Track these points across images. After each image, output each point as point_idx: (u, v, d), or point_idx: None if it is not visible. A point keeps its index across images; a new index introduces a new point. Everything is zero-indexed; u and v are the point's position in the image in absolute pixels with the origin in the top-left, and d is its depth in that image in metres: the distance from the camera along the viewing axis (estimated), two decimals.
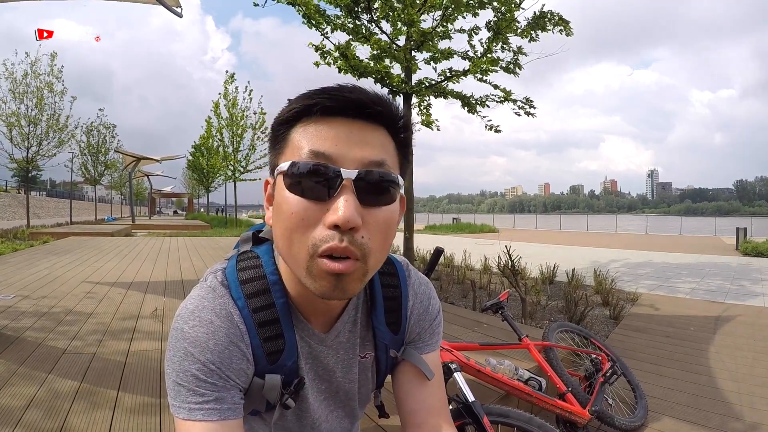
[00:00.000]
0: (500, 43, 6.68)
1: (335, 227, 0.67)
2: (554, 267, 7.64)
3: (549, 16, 6.54)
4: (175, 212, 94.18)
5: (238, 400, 0.78)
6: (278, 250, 0.76)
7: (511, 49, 6.81)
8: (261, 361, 0.81)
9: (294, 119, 0.74)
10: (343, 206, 0.67)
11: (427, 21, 6.64)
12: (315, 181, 0.69)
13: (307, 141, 0.71)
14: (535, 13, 6.56)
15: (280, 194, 0.72)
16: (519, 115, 7.24)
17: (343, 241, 0.67)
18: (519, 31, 6.61)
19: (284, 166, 0.71)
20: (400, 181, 0.76)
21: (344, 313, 0.91)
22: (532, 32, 6.65)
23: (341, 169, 0.69)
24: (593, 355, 2.95)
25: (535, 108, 7.18)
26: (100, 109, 32.12)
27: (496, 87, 7.01)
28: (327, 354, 0.91)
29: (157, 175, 49.46)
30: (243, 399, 0.80)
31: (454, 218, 37.15)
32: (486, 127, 7.40)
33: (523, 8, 6.37)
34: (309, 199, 0.69)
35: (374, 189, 0.71)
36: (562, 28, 6.68)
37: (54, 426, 2.21)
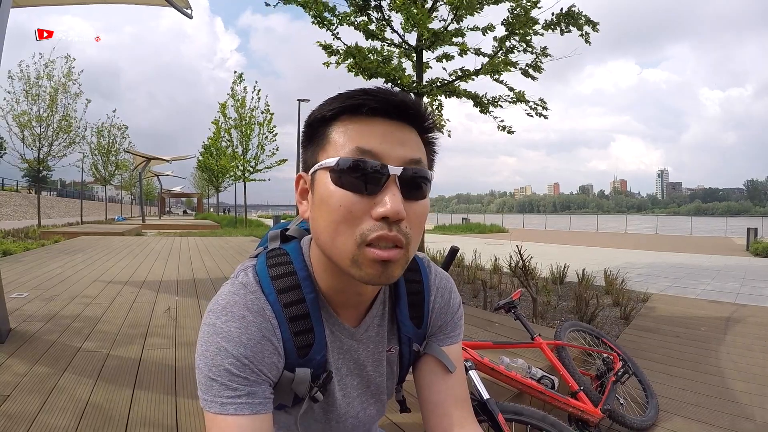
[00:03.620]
0: (523, 45, 6.57)
1: (383, 219, 0.71)
2: (564, 267, 7.62)
3: (576, 14, 6.39)
4: (184, 212, 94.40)
5: (269, 394, 0.80)
6: (319, 241, 0.78)
7: (534, 51, 6.68)
8: (291, 355, 0.83)
9: (333, 117, 0.77)
10: (391, 200, 0.70)
11: (441, 16, 6.61)
12: (363, 176, 0.72)
13: (351, 138, 0.74)
14: (561, 9, 6.40)
15: (325, 188, 0.74)
16: (532, 116, 7.16)
17: (392, 231, 0.71)
18: (544, 24, 6.45)
19: (331, 161, 0.73)
20: (432, 177, 0.80)
21: (372, 308, 0.93)
22: (562, 25, 6.46)
23: (388, 165, 0.72)
24: (605, 355, 2.95)
25: (548, 109, 7.11)
26: (112, 111, 32.40)
27: (511, 89, 6.94)
28: (358, 348, 0.93)
29: (167, 175, 49.67)
30: (273, 393, 0.82)
31: (463, 218, 36.97)
32: (499, 127, 7.35)
33: (539, 6, 6.25)
34: (357, 193, 0.72)
35: (414, 185, 0.75)
36: (590, 29, 6.51)
37: (70, 423, 2.24)
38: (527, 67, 6.81)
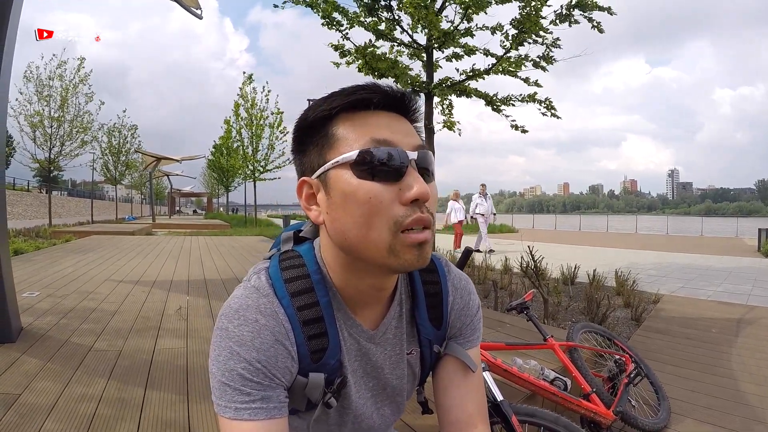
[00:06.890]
0: (532, 36, 6.47)
1: (413, 202, 0.73)
2: (575, 267, 7.56)
3: (587, 4, 6.23)
4: (194, 211, 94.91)
5: (284, 398, 0.79)
6: (348, 240, 0.77)
7: (544, 42, 6.59)
8: (305, 359, 0.82)
9: (332, 116, 0.78)
10: (417, 182, 0.73)
11: (450, 16, 6.58)
12: (387, 164, 0.73)
13: (362, 132, 0.76)
14: (571, 0, 6.28)
15: (347, 184, 0.74)
16: (546, 115, 7.12)
17: (425, 212, 0.74)
18: (555, 17, 6.35)
19: (351, 155, 0.73)
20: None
21: (390, 309, 0.92)
22: (572, 17, 6.33)
23: (407, 151, 0.75)
24: (617, 356, 2.94)
25: (555, 109, 7.07)
26: (123, 111, 32.60)
27: (527, 81, 6.86)
28: (375, 351, 0.92)
29: (177, 174, 49.86)
30: (288, 397, 0.81)
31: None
32: (512, 127, 7.32)
33: (549, 5, 6.16)
34: (383, 182, 0.73)
35: (426, 168, 0.78)
36: (603, 15, 6.36)
37: (82, 422, 2.24)
38: (538, 59, 6.73)
